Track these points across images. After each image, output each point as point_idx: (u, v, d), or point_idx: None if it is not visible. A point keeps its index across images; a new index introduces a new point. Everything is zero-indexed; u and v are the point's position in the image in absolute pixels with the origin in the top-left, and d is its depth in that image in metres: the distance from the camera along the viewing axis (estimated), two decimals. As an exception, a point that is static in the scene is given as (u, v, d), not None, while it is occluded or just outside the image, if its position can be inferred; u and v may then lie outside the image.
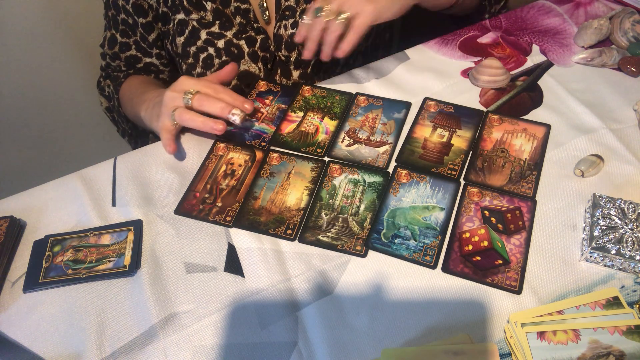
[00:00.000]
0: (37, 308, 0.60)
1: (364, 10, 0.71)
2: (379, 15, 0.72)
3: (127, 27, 0.86)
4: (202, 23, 0.82)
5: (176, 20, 0.83)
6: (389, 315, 0.57)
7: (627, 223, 0.59)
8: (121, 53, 0.90)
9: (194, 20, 0.82)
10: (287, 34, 0.85)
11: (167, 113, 0.71)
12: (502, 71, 0.78)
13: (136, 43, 0.88)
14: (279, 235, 0.64)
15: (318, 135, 0.75)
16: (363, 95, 0.79)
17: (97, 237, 0.65)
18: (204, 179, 0.70)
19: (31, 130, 1.36)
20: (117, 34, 0.88)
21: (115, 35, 0.88)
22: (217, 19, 0.82)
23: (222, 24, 0.83)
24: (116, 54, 0.90)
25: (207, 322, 0.58)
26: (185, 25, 0.83)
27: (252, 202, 0.67)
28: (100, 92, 0.97)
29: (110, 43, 0.89)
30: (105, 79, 0.95)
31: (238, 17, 0.83)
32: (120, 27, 0.87)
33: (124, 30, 0.87)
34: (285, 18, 0.84)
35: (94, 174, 0.72)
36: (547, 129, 0.72)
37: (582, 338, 0.51)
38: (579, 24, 0.87)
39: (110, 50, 0.90)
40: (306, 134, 0.75)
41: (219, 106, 0.70)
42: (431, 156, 0.70)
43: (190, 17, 0.82)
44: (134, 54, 0.90)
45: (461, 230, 0.63)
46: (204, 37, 0.83)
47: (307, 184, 0.69)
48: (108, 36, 0.89)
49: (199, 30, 0.83)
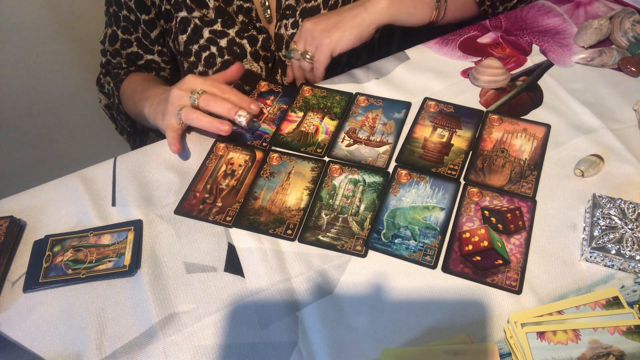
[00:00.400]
0: (37, 308, 0.60)
1: (321, 44, 0.78)
2: (335, 47, 0.78)
3: (129, 24, 0.86)
4: (205, 21, 0.82)
5: (179, 18, 0.83)
6: (389, 315, 0.57)
7: (627, 223, 0.59)
8: (122, 50, 0.89)
9: (196, 18, 0.82)
10: (287, 33, 0.85)
11: (173, 112, 0.71)
12: (502, 71, 0.78)
13: (138, 40, 0.88)
14: (279, 235, 0.64)
15: (318, 135, 0.75)
16: (363, 95, 0.79)
17: (97, 237, 0.65)
18: (204, 179, 0.70)
19: (31, 130, 1.36)
20: (119, 30, 0.87)
21: (117, 32, 0.88)
22: (219, 17, 0.82)
23: (224, 22, 0.83)
24: (117, 50, 0.90)
25: (207, 322, 0.58)
26: (187, 23, 0.83)
27: (252, 202, 0.67)
28: (99, 89, 0.96)
29: (111, 40, 0.89)
30: (105, 76, 0.95)
31: (240, 16, 0.83)
32: (121, 24, 0.86)
33: (126, 26, 0.86)
34: (285, 17, 0.84)
35: (94, 174, 0.72)
36: (547, 129, 0.72)
37: (582, 338, 0.51)
38: (579, 24, 0.87)
39: (111, 47, 0.90)
40: (306, 134, 0.75)
41: (225, 107, 0.70)
42: (431, 156, 0.70)
43: (192, 14, 0.82)
44: (135, 50, 0.89)
45: (461, 230, 0.63)
46: (207, 36, 0.83)
47: (307, 184, 0.69)
48: (109, 33, 0.89)
49: (202, 28, 0.82)
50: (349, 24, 0.78)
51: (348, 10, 0.80)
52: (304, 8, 0.84)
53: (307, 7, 0.84)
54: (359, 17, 0.78)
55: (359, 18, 0.78)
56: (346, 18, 0.78)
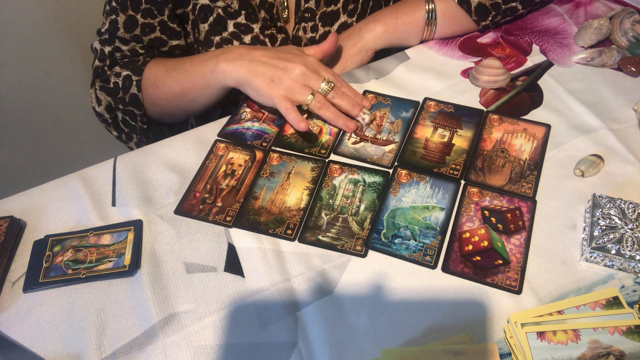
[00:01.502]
0: (37, 308, 0.60)
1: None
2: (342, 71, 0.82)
3: (153, 6, 0.80)
4: (228, 12, 0.80)
5: (198, 5, 0.80)
6: (389, 315, 0.57)
7: (627, 223, 0.59)
8: (143, 35, 0.82)
9: (220, 8, 0.80)
10: (306, 37, 0.84)
11: (304, 92, 0.70)
12: (502, 71, 0.78)
13: (162, 24, 0.82)
14: (279, 235, 0.64)
15: (322, 136, 0.75)
16: (371, 93, 0.79)
17: (97, 237, 0.65)
18: (204, 179, 0.70)
19: (31, 130, 1.36)
20: (138, 15, 0.80)
21: (136, 17, 0.80)
22: (243, 9, 0.80)
23: (248, 15, 0.81)
24: (137, 36, 0.82)
25: (207, 322, 0.58)
26: (209, 11, 0.80)
27: (252, 202, 0.67)
28: (99, 87, 0.85)
29: (128, 26, 0.81)
30: (112, 67, 0.84)
31: (262, 12, 0.82)
32: (143, 7, 0.80)
33: (148, 10, 0.80)
34: (304, 20, 0.83)
35: (94, 174, 0.72)
36: (547, 129, 0.72)
37: (582, 338, 0.51)
38: (579, 24, 0.86)
39: (129, 33, 0.82)
40: (310, 135, 0.75)
41: (351, 103, 0.71)
42: (433, 156, 0.70)
43: (216, 4, 0.80)
44: (158, 36, 0.83)
45: (461, 230, 0.63)
46: (231, 30, 0.81)
47: (307, 184, 0.69)
48: (123, 19, 0.81)
49: (225, 20, 0.80)
50: (349, 54, 0.83)
51: (346, 39, 0.83)
52: (323, 12, 0.83)
53: (327, 11, 0.83)
54: (358, 45, 0.83)
55: (357, 47, 0.83)
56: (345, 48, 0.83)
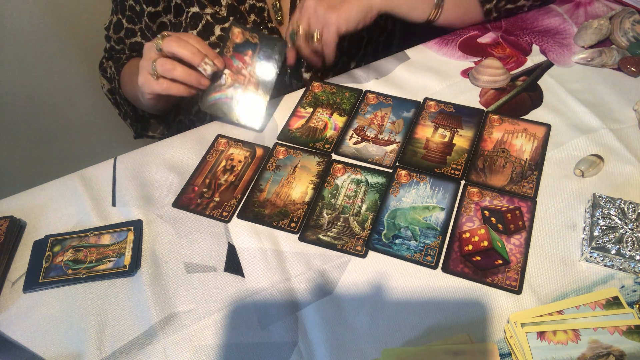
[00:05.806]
0: (37, 308, 0.60)
1: (328, 23, 0.73)
2: (343, 26, 0.74)
3: (134, 14, 0.86)
4: (216, 18, 0.82)
5: (190, 13, 0.82)
6: (389, 315, 0.57)
7: (627, 223, 0.59)
8: (126, 39, 0.90)
9: (208, 15, 0.82)
10: None
11: (147, 67, 0.69)
12: (502, 71, 0.78)
13: (141, 30, 0.88)
14: (283, 227, 0.64)
15: (327, 131, 0.75)
16: (373, 92, 0.79)
17: (97, 237, 0.65)
18: (204, 174, 0.71)
19: (31, 130, 1.36)
20: (124, 19, 0.88)
21: (122, 21, 0.88)
22: (231, 15, 0.82)
23: (236, 20, 0.82)
24: (121, 39, 0.90)
25: (207, 322, 0.58)
26: (199, 19, 0.82)
27: (257, 195, 0.68)
28: (102, 73, 0.96)
29: (116, 28, 0.89)
30: (108, 60, 0.95)
31: (252, 15, 0.83)
32: (127, 13, 0.87)
33: (130, 16, 0.87)
34: None
35: (94, 174, 0.72)
36: (547, 129, 0.72)
37: (582, 338, 0.51)
38: (579, 24, 0.87)
39: (116, 34, 0.90)
40: (315, 130, 0.75)
41: (190, 49, 0.67)
42: (434, 156, 0.70)
43: (204, 11, 0.82)
44: (139, 40, 0.89)
45: (461, 230, 0.63)
46: (218, 33, 0.82)
47: (313, 178, 0.69)
48: (114, 20, 0.89)
49: (213, 25, 0.82)
50: (356, 3, 0.75)
51: None
52: None
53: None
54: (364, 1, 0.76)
55: (364, 1, 0.75)
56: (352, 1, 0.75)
